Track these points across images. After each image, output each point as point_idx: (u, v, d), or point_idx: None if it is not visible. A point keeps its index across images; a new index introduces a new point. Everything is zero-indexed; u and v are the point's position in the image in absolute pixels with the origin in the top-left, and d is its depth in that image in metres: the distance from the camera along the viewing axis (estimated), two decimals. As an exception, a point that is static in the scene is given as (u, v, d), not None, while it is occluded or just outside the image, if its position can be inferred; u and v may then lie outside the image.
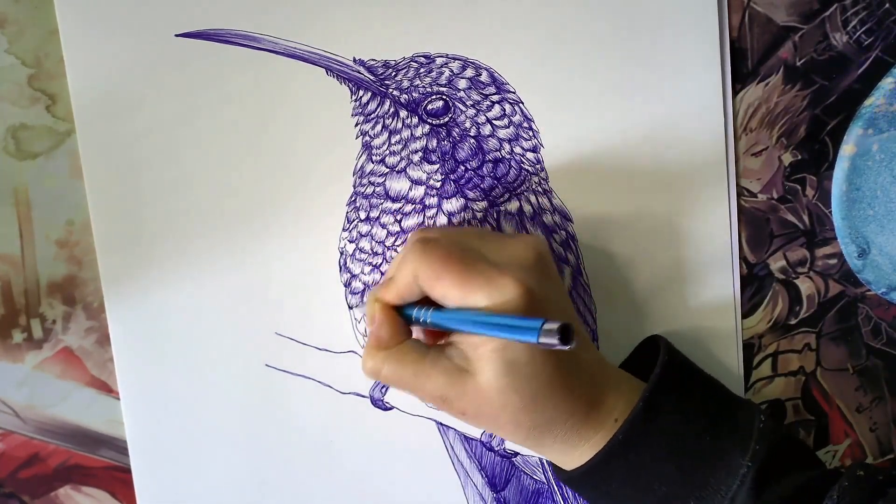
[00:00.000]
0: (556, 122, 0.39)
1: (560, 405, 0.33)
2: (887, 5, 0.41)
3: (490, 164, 0.39)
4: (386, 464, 0.41)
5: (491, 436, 0.41)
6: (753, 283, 0.42)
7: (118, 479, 0.40)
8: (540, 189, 0.40)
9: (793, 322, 0.43)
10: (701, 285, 0.41)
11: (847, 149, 0.41)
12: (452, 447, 0.41)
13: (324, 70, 0.38)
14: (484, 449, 0.41)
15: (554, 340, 0.27)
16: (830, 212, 0.42)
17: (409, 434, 0.41)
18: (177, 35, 0.37)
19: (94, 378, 0.39)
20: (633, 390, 0.35)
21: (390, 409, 0.41)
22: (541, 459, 0.42)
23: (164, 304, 0.39)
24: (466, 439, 0.41)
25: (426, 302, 0.34)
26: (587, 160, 0.40)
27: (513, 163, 0.39)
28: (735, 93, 0.41)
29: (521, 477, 0.42)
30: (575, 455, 0.34)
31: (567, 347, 0.27)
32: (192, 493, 0.40)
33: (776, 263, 0.42)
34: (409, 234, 0.36)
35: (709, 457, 0.33)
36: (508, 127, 0.39)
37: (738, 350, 0.42)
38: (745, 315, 0.42)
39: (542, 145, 0.39)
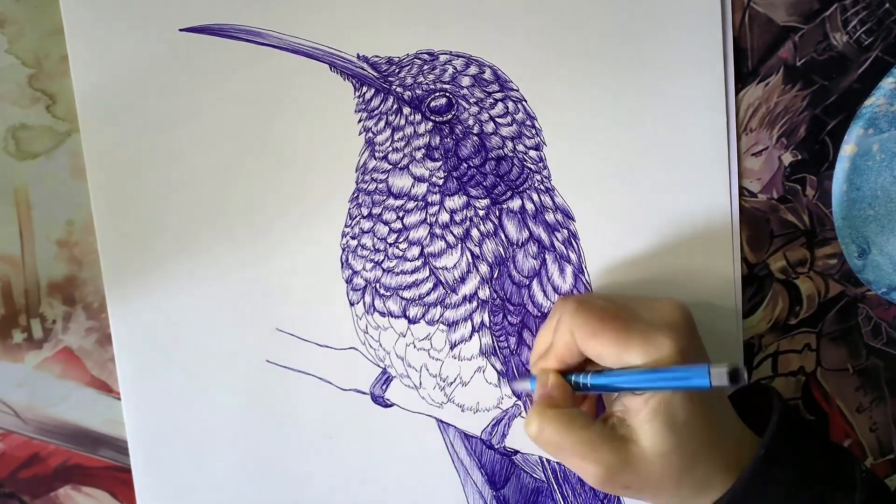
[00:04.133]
0: (558, 120, 0.39)
1: (717, 460, 0.33)
2: (887, 5, 0.41)
3: (493, 162, 0.39)
4: (386, 461, 0.41)
5: (492, 433, 0.41)
6: (753, 283, 0.42)
7: (118, 479, 0.40)
8: (542, 187, 0.40)
9: (793, 322, 0.43)
10: (702, 285, 0.41)
11: (847, 149, 0.41)
12: (452, 445, 0.41)
13: (327, 66, 0.38)
14: (484, 447, 0.41)
15: (725, 382, 0.29)
16: (830, 212, 0.42)
17: (409, 431, 0.41)
18: (181, 30, 0.37)
19: (94, 378, 0.39)
20: (753, 441, 0.35)
21: (391, 405, 0.41)
22: (540, 458, 0.42)
23: (166, 300, 0.39)
24: (466, 437, 0.41)
25: (582, 370, 0.35)
26: (589, 159, 0.40)
27: (515, 161, 0.39)
28: (735, 93, 0.41)
29: (521, 475, 0.42)
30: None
31: (739, 385, 0.29)
32: (192, 490, 0.40)
33: (776, 263, 0.42)
34: (557, 301, 0.37)
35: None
36: (511, 125, 0.39)
37: (740, 351, 0.42)
38: (745, 315, 0.42)
39: (544, 143, 0.39)
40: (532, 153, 0.39)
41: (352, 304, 0.40)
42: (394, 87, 0.38)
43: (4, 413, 0.38)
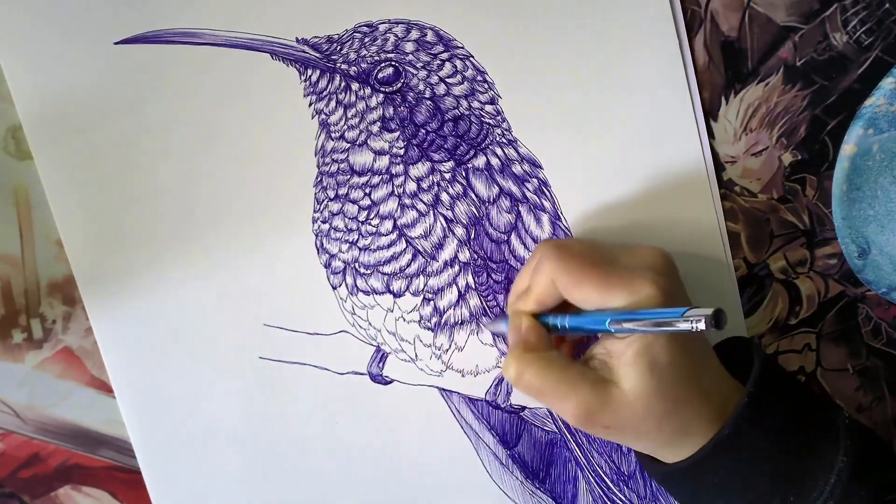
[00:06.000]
0: (509, 70, 0.39)
1: (699, 406, 0.33)
2: (887, 5, 0.41)
3: (450, 123, 0.39)
4: (395, 438, 0.41)
5: (496, 393, 0.41)
6: (753, 283, 0.42)
7: (118, 479, 0.40)
8: (504, 140, 0.39)
9: (793, 322, 0.43)
10: (681, 210, 0.40)
11: (847, 149, 0.41)
12: (459, 411, 0.41)
13: (269, 55, 0.38)
14: (490, 408, 0.41)
15: (706, 325, 0.28)
16: (830, 212, 0.42)
17: (413, 405, 0.41)
18: (116, 43, 0.37)
19: (94, 378, 0.39)
20: (737, 390, 0.35)
21: (390, 382, 0.40)
22: (549, 410, 0.41)
23: (148, 313, 0.39)
24: (471, 401, 0.41)
25: (560, 312, 0.35)
26: (548, 104, 0.39)
27: (472, 118, 0.39)
28: (735, 93, 0.41)
29: (532, 430, 0.42)
30: (680, 452, 0.34)
31: (720, 328, 0.28)
32: (206, 492, 0.40)
33: (776, 263, 0.42)
34: (538, 245, 0.37)
35: (806, 452, 0.33)
36: (462, 83, 0.39)
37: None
38: (745, 315, 0.42)
39: (499, 96, 0.39)
40: (488, 108, 0.39)
41: (334, 288, 0.40)
42: (338, 65, 0.38)
43: (4, 413, 0.38)
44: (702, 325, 0.28)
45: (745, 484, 0.34)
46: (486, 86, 0.39)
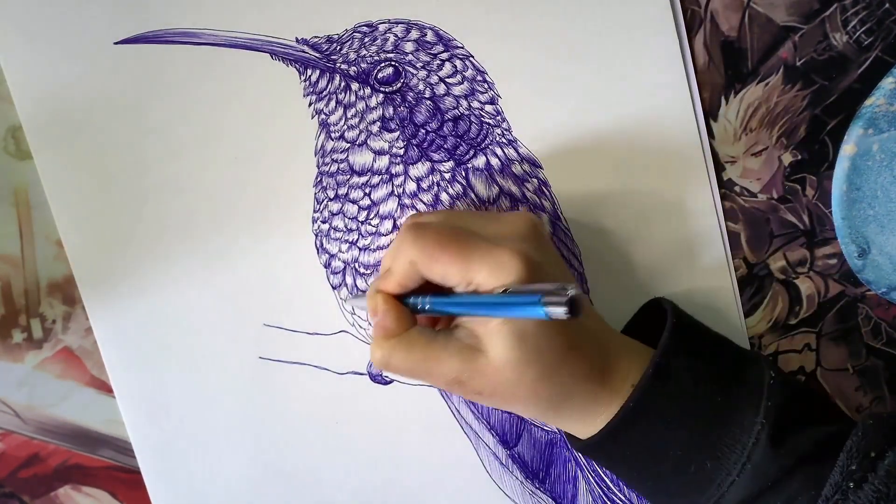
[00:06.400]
0: (509, 70, 0.39)
1: (575, 373, 0.33)
2: (887, 5, 0.41)
3: (450, 123, 0.39)
4: (395, 437, 0.41)
5: None
6: (753, 283, 0.42)
7: (118, 479, 0.40)
8: (504, 140, 0.39)
9: (793, 322, 0.43)
10: (680, 211, 0.40)
11: (847, 149, 0.41)
12: (458, 411, 0.41)
13: (269, 55, 0.38)
14: (490, 408, 0.41)
15: (561, 310, 0.26)
16: (830, 212, 0.42)
17: (413, 405, 0.41)
18: (115, 43, 0.37)
19: (94, 378, 0.39)
20: (642, 356, 0.35)
21: (390, 382, 0.41)
22: None
23: (148, 313, 0.39)
24: (471, 401, 0.41)
25: (426, 290, 0.34)
26: (547, 104, 0.39)
27: (472, 118, 0.39)
28: (735, 93, 0.41)
29: (532, 430, 0.42)
30: (592, 424, 0.34)
31: (575, 317, 0.26)
32: (207, 495, 0.40)
33: (776, 263, 0.42)
34: (403, 222, 0.36)
35: (721, 417, 0.33)
36: (462, 83, 0.39)
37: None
38: (745, 315, 0.42)
39: (499, 96, 0.39)
40: (488, 108, 0.39)
41: (334, 288, 0.40)
42: (338, 65, 0.38)
43: (4, 413, 0.38)
44: (559, 313, 0.27)
45: (657, 454, 0.33)
46: (486, 86, 0.39)
